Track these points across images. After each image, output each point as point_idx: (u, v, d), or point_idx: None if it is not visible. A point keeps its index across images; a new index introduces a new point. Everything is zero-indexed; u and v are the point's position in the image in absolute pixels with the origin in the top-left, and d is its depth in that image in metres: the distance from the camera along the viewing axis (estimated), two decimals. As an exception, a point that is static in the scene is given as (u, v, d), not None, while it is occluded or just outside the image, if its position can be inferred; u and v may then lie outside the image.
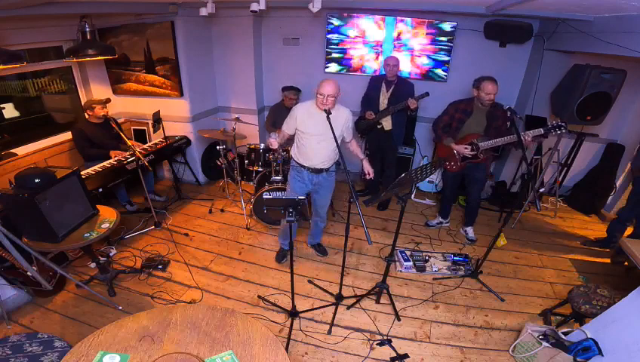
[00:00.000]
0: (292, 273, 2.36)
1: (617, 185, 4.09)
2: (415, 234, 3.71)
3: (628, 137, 4.04)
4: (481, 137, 3.07)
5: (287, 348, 2.30)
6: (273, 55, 4.58)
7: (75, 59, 3.18)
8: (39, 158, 3.47)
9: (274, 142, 2.74)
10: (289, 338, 2.37)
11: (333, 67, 4.46)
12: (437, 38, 4.08)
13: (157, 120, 3.65)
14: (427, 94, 3.56)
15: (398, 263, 3.18)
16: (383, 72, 3.79)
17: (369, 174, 2.78)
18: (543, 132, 2.82)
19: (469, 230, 3.65)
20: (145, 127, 4.45)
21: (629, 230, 3.42)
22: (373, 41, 4.23)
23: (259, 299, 2.76)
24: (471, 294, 2.91)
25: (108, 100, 3.60)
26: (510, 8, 3.07)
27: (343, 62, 4.41)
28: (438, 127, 3.26)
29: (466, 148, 3.11)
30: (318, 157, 2.67)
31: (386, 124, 3.84)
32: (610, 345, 1.90)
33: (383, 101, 3.76)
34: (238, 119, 3.75)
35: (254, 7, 2.91)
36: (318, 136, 2.57)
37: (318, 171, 2.74)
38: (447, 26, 3.99)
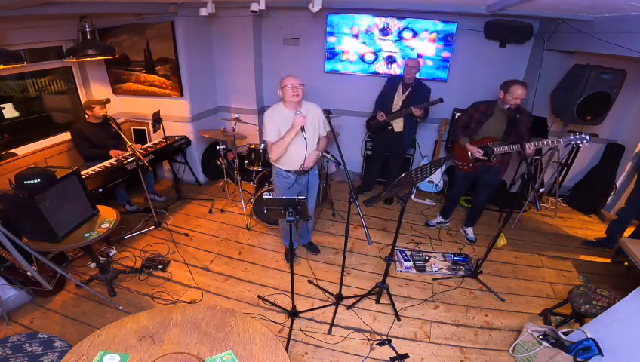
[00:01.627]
0: (292, 273, 2.36)
1: (617, 185, 4.09)
2: (415, 234, 3.71)
3: (628, 137, 4.04)
4: (498, 141, 3.01)
5: (287, 348, 2.30)
6: (273, 55, 4.58)
7: (75, 59, 3.18)
8: (39, 158, 3.47)
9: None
10: (289, 339, 2.37)
11: (333, 67, 4.45)
12: (437, 38, 4.08)
13: (157, 120, 3.65)
14: (441, 100, 3.54)
15: (398, 263, 3.18)
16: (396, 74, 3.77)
17: (303, 166, 2.66)
18: (573, 142, 2.65)
19: (469, 230, 3.65)
20: (145, 127, 4.45)
21: (630, 230, 3.42)
22: (373, 41, 4.23)
23: (259, 299, 2.76)
24: (471, 294, 2.91)
25: (107, 100, 3.60)
26: (510, 8, 3.07)
27: (343, 62, 4.41)
28: (457, 126, 3.24)
29: (479, 150, 3.04)
30: (301, 159, 2.61)
31: (397, 125, 3.83)
32: (610, 345, 1.90)
33: (397, 102, 3.75)
34: (238, 119, 3.75)
35: (254, 7, 2.91)
36: (297, 137, 2.49)
37: (304, 172, 2.73)
38: (447, 26, 3.99)
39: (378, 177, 4.47)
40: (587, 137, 2.59)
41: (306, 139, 2.41)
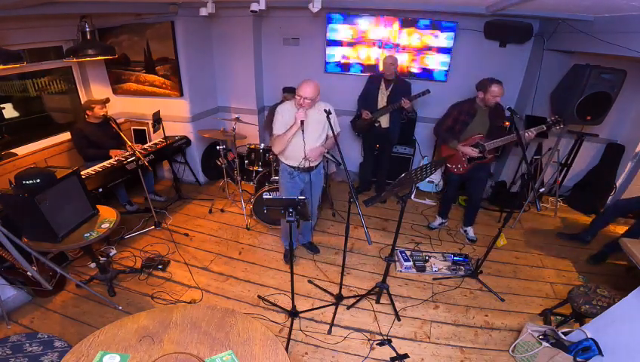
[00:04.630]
0: (292, 273, 2.36)
1: (617, 185, 4.09)
2: (415, 234, 3.71)
3: (628, 137, 4.04)
4: (485, 138, 3.10)
5: (287, 348, 2.30)
6: (273, 55, 4.58)
7: (75, 59, 3.18)
8: (39, 158, 3.46)
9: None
10: (289, 339, 2.37)
11: (333, 67, 4.45)
12: (437, 38, 4.07)
13: (157, 120, 3.65)
14: (428, 91, 3.62)
15: (398, 263, 3.18)
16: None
17: (306, 158, 2.68)
18: (545, 128, 2.89)
19: (469, 230, 3.65)
20: (145, 127, 4.45)
21: (623, 228, 3.42)
22: (373, 41, 4.23)
23: (259, 299, 2.76)
24: (471, 294, 2.91)
25: (107, 100, 3.60)
26: (510, 8, 3.07)
27: (343, 62, 4.41)
28: (441, 129, 3.25)
29: (473, 150, 3.11)
30: (301, 154, 2.66)
31: (384, 121, 3.91)
32: (610, 345, 1.90)
33: (382, 99, 3.82)
34: (238, 119, 3.75)
35: (254, 7, 2.91)
36: (304, 135, 2.56)
37: (309, 169, 2.76)
38: (447, 26, 3.98)
39: (374, 176, 4.51)
40: (562, 119, 2.89)
41: (303, 132, 2.49)
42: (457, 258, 3.19)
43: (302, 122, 2.47)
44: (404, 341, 2.45)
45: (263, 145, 3.82)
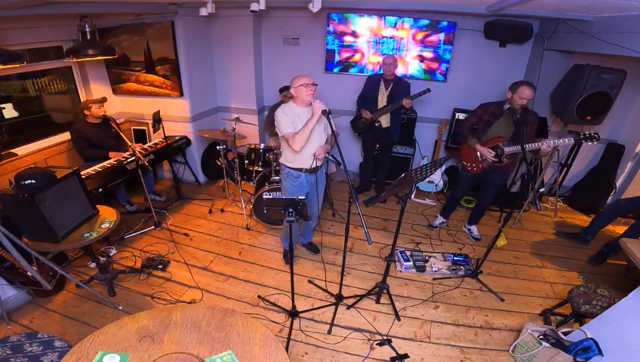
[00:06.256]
0: (292, 273, 2.36)
1: (617, 185, 4.09)
2: (415, 234, 3.71)
3: (628, 137, 4.04)
4: (507, 142, 3.01)
5: (287, 348, 2.30)
6: (273, 55, 4.58)
7: (75, 59, 3.18)
8: (39, 158, 3.46)
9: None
10: (289, 339, 2.37)
11: (333, 67, 4.45)
12: (437, 38, 4.08)
13: (157, 120, 3.65)
14: (429, 90, 3.60)
15: (398, 263, 3.18)
16: (380, 71, 3.84)
17: (317, 156, 2.64)
18: (574, 141, 2.74)
19: (474, 228, 3.65)
20: (145, 127, 4.45)
21: (622, 228, 3.42)
22: (373, 41, 4.23)
23: (259, 299, 2.76)
24: (471, 294, 2.91)
25: (104, 99, 3.59)
26: (510, 8, 3.07)
27: (343, 62, 4.41)
28: (464, 127, 3.21)
29: (490, 151, 3.04)
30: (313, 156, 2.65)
31: (384, 121, 3.91)
32: (610, 345, 1.90)
33: (382, 99, 3.83)
34: (238, 119, 3.75)
35: (254, 7, 2.91)
36: (315, 128, 2.54)
37: (315, 170, 2.75)
38: (447, 26, 3.99)
39: (374, 176, 4.51)
40: (596, 135, 2.67)
41: (329, 117, 2.36)
42: (457, 258, 3.19)
43: (323, 112, 2.35)
44: (404, 341, 2.45)
45: (263, 145, 3.82)
